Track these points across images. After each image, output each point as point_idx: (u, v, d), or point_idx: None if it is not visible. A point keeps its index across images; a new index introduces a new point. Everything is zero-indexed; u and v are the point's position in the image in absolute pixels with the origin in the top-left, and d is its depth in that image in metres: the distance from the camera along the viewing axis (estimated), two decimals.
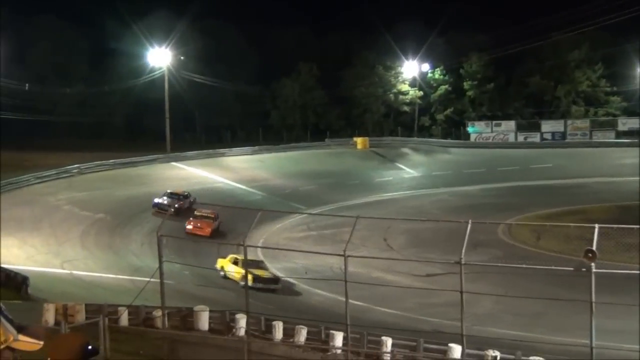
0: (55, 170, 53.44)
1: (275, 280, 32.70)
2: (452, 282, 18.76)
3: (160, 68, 68.94)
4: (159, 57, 68.94)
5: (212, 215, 43.49)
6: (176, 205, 46.17)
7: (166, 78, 68.10)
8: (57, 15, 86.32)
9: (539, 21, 76.99)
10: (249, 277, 30.15)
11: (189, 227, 42.50)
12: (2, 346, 4.31)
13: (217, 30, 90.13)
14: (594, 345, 16.86)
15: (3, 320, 4.32)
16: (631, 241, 28.46)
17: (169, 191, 49.04)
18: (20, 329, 4.40)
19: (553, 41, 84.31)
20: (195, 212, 44.34)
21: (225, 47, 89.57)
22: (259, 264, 32.79)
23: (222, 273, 34.10)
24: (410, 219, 46.62)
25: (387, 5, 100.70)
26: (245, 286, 22.15)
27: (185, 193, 49.56)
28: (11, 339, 4.32)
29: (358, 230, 20.75)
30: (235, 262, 33.38)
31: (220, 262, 34.42)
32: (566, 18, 73.43)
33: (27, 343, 4.40)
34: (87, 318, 21.53)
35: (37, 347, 4.42)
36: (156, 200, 47.46)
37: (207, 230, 42.26)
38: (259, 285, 30.85)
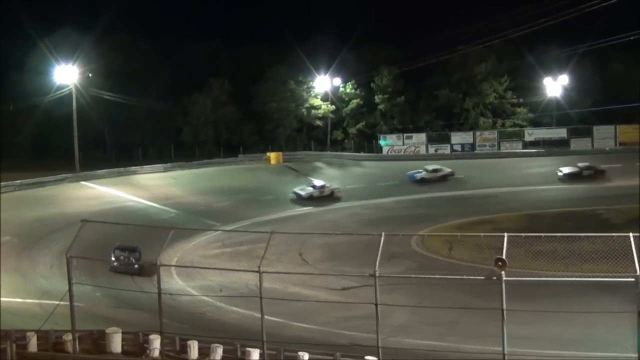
0: None
1: None
2: (368, 295, 18.76)
3: (67, 85, 67.54)
4: (66, 74, 67.51)
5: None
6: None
7: (74, 95, 66.82)
8: None
9: (446, 35, 78.75)
10: None
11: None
12: None
13: (126, 46, 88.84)
14: (506, 352, 17.11)
15: None
16: (539, 248, 29.19)
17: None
18: None
19: (460, 54, 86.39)
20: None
21: (135, 63, 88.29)
22: None
23: None
24: (325, 232, 46.76)
25: (298, 20, 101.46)
26: (159, 306, 21.69)
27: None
28: None
29: (273, 245, 20.59)
30: None
31: None
32: (472, 32, 75.28)
33: None
34: None
35: None
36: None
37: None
38: None
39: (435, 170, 68.96)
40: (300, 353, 19.93)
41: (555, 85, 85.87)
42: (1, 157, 75.94)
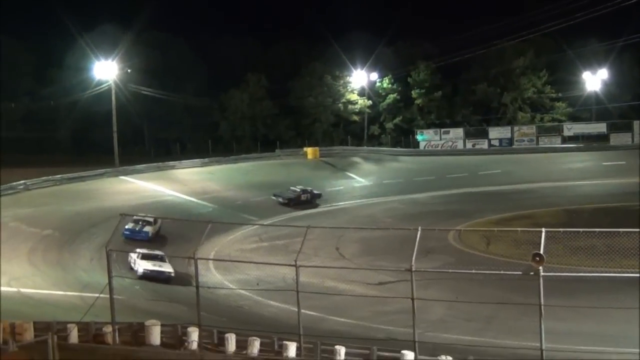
0: None
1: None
2: (404, 290, 18.80)
3: (107, 81, 68.24)
4: (106, 70, 68.19)
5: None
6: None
7: (113, 91, 67.44)
8: (0, 30, 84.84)
9: (483, 29, 78.10)
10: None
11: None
12: None
13: (164, 43, 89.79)
14: (544, 347, 17.05)
15: None
16: (578, 244, 28.91)
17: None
18: None
19: (498, 48, 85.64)
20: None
21: (173, 59, 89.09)
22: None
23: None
24: (361, 227, 46.74)
25: (334, 15, 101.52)
26: (197, 299, 21.93)
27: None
28: None
29: (310, 240, 20.72)
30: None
31: None
32: (510, 25, 74.60)
33: None
34: (35, 336, 21.06)
35: None
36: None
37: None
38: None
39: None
40: (337, 347, 20.04)
41: (594, 80, 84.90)
42: (42, 152, 77.21)
